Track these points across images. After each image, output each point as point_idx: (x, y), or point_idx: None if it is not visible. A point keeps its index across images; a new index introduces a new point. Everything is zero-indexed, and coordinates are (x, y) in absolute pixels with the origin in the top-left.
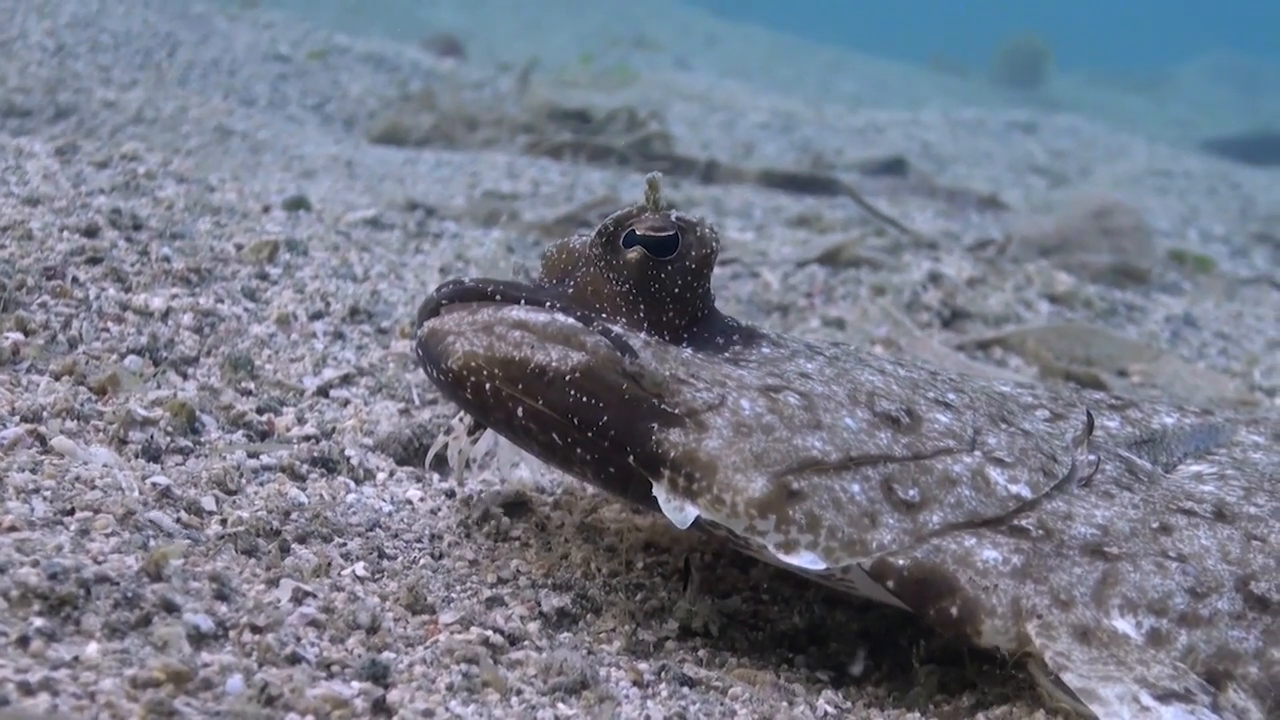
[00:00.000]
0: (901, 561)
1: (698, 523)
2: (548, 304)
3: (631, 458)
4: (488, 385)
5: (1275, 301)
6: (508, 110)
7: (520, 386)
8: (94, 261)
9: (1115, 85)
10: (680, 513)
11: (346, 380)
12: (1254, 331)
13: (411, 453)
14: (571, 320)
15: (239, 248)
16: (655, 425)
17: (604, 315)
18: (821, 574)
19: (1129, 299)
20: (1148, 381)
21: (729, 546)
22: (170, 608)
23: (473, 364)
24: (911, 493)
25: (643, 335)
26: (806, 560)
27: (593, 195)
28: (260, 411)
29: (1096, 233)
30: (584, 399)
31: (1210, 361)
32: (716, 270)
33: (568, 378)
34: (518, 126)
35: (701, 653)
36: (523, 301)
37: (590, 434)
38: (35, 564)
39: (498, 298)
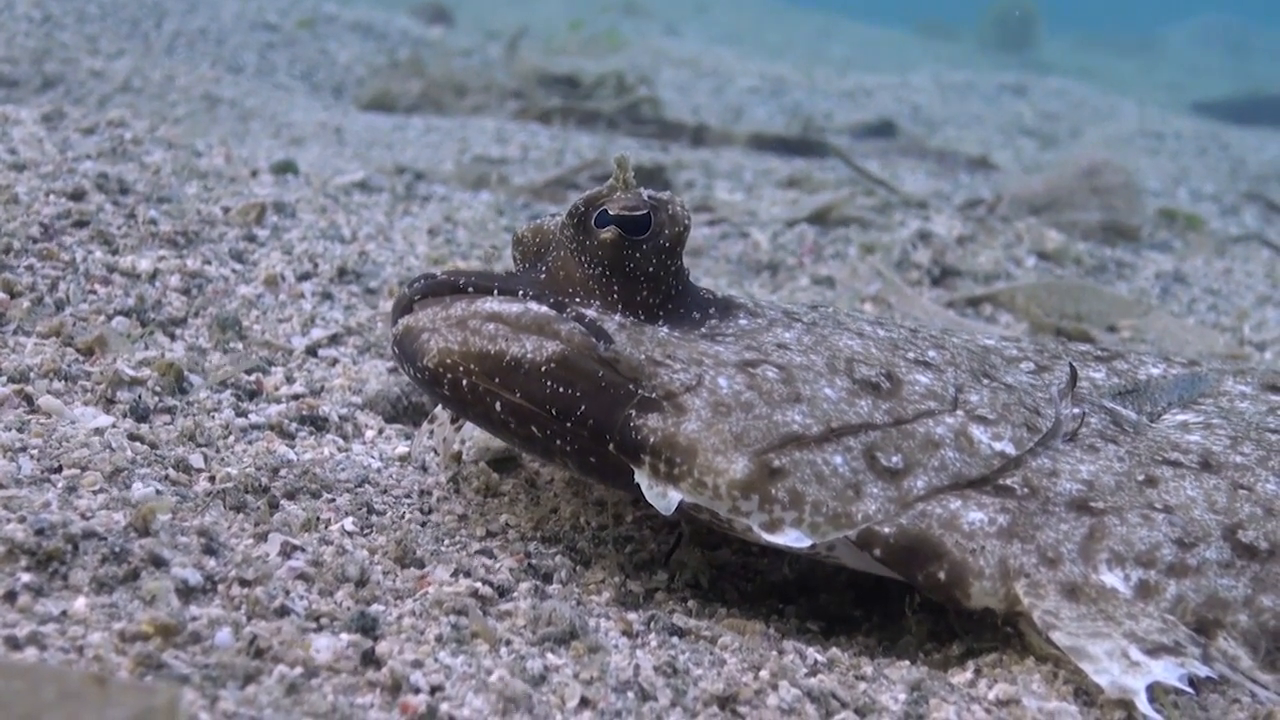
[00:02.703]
0: (887, 529)
1: (681, 507)
2: (521, 293)
3: (611, 445)
4: (464, 381)
5: (1265, 259)
6: (496, 77)
7: (497, 380)
8: (81, 224)
9: (1105, 49)
10: (663, 499)
11: (335, 340)
12: (1243, 288)
13: (400, 411)
14: (545, 309)
15: (226, 210)
16: (633, 411)
17: (578, 299)
18: (807, 550)
19: (1119, 256)
20: (1138, 337)
21: (714, 529)
22: (158, 562)
23: (448, 360)
24: (895, 459)
25: (617, 317)
26: (792, 538)
27: (581, 159)
28: (249, 371)
29: (1086, 191)
30: (561, 389)
31: (1200, 317)
32: (706, 230)
33: (543, 368)
34: (506, 92)
35: (691, 603)
36: (496, 292)
37: (569, 424)
38: (22, 520)
39: (470, 290)
